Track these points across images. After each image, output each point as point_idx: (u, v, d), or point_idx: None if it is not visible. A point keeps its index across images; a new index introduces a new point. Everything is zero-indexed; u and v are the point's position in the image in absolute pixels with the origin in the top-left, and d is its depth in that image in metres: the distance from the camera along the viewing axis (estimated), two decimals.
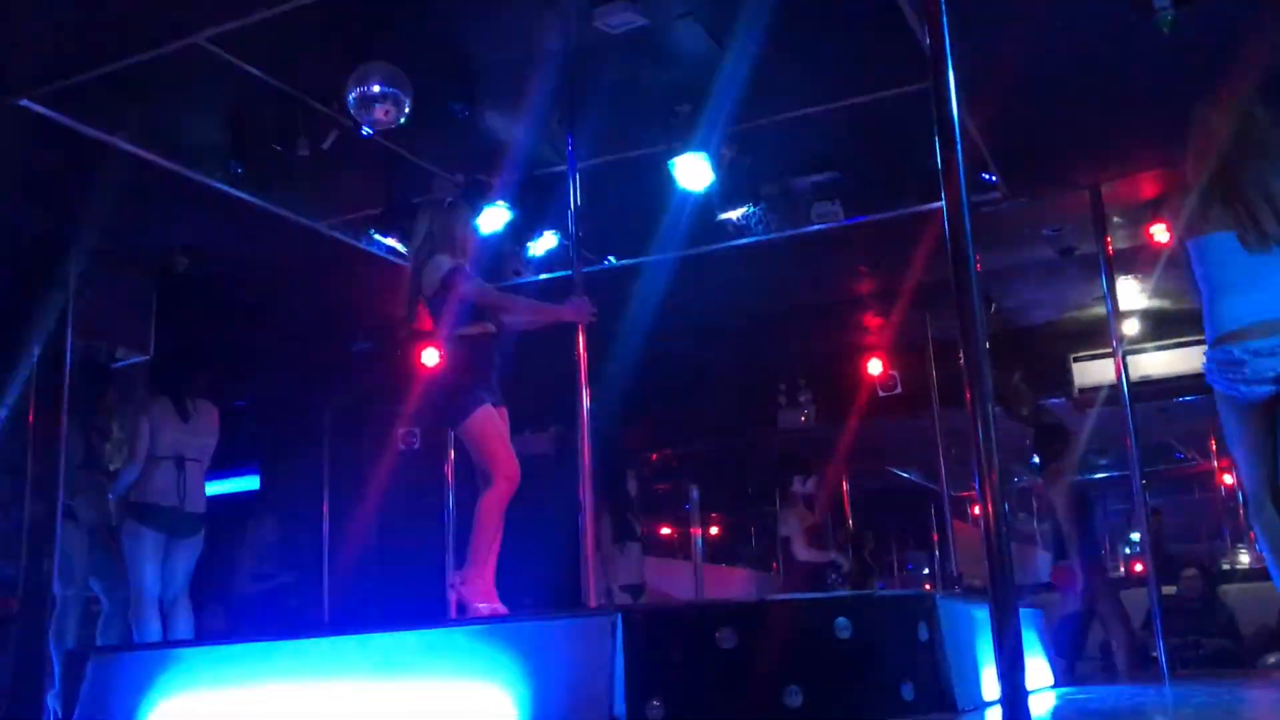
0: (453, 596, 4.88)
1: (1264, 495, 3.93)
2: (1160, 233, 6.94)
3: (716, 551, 14.35)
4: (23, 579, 6.51)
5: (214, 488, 10.84)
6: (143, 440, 6.23)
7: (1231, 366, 3.79)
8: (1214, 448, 12.84)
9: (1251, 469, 3.94)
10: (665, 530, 14.29)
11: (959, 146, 2.70)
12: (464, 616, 4.79)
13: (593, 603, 4.82)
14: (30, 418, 6.69)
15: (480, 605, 4.69)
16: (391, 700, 3.69)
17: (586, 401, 5.01)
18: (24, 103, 5.16)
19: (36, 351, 6.75)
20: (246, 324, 8.16)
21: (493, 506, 4.72)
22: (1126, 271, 7.81)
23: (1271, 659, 6.94)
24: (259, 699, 4.00)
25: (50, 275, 6.81)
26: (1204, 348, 4.01)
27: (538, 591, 7.90)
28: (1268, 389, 3.74)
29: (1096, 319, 8.31)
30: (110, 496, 6.30)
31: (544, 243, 7.03)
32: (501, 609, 4.68)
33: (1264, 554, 3.99)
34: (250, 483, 9.99)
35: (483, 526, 4.73)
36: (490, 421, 4.74)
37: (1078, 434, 7.63)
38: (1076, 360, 9.34)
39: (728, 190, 6.44)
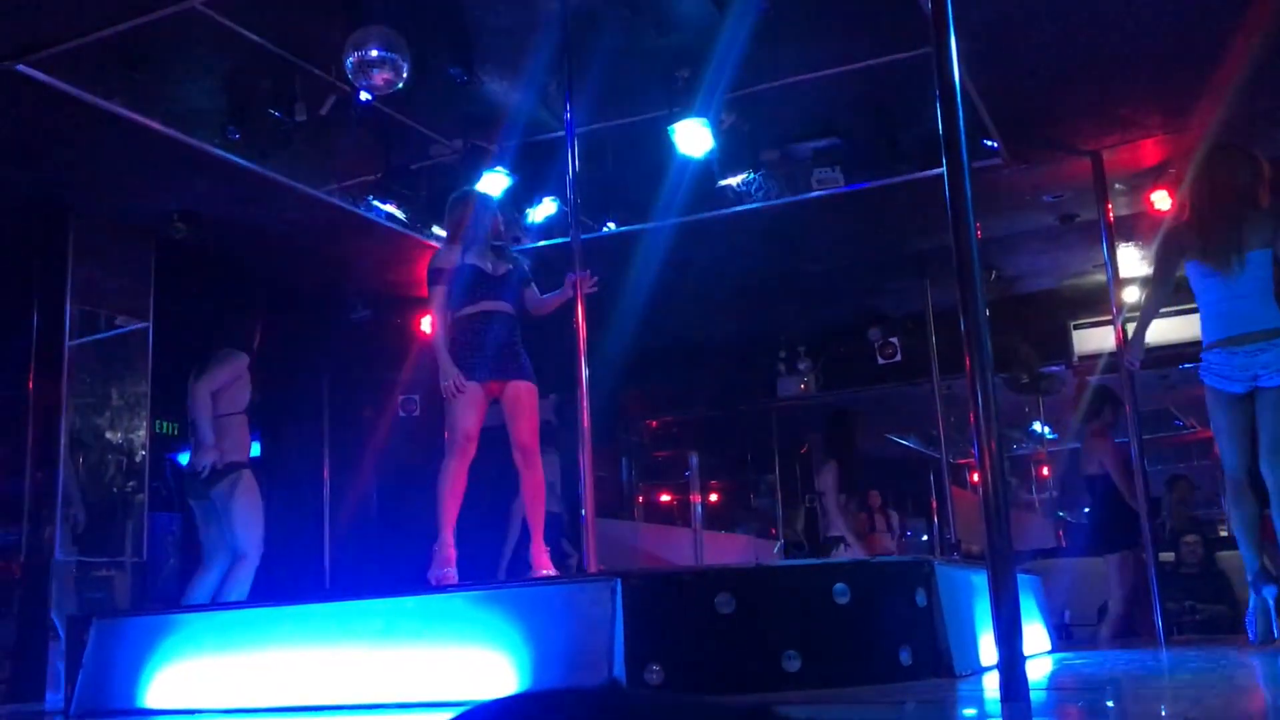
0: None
1: (1243, 479, 4.68)
2: (1161, 200, 6.93)
3: (716, 518, 14.41)
4: (25, 545, 6.55)
5: None
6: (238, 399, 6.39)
7: (1222, 365, 4.61)
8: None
9: (1233, 455, 4.69)
10: (665, 497, 14.33)
11: (960, 112, 2.68)
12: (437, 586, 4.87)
13: (592, 568, 4.83)
14: (30, 384, 6.71)
15: (442, 571, 4.81)
16: (392, 665, 3.72)
17: (585, 369, 5.01)
18: (20, 68, 5.13)
19: (36, 318, 6.76)
20: (245, 291, 8.14)
21: (441, 471, 4.93)
22: (1127, 239, 7.80)
23: None
24: (261, 664, 4.02)
25: (48, 242, 6.81)
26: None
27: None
28: (1247, 385, 4.56)
29: (1097, 286, 8.31)
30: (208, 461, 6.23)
31: (543, 209, 7.01)
32: (452, 578, 4.81)
33: (1236, 535, 4.80)
34: (250, 449, 10.00)
35: (439, 497, 4.94)
36: (453, 405, 4.90)
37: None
38: (1077, 327, 9.34)
39: (728, 156, 6.41)
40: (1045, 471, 14.07)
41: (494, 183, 6.49)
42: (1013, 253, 8.25)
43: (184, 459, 7.15)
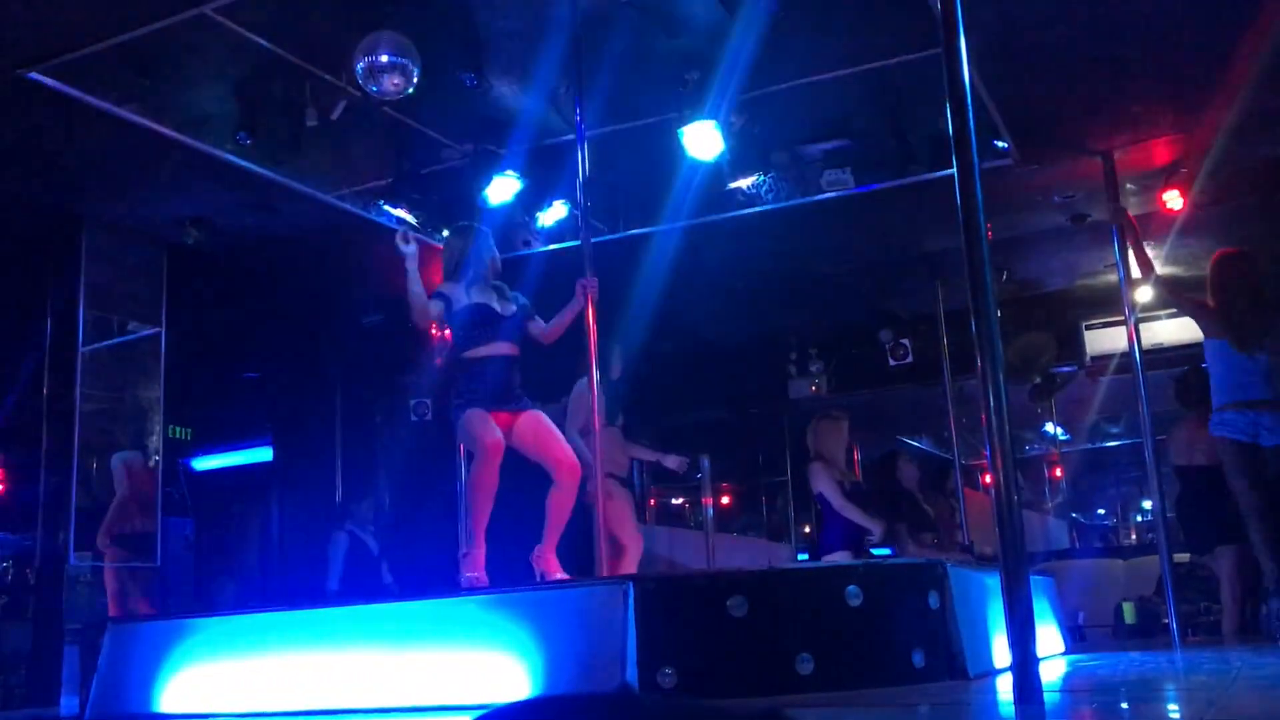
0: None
1: (1256, 508, 5.70)
2: (1173, 199, 6.90)
3: (728, 521, 14.39)
4: (39, 550, 6.57)
5: (227, 460, 10.97)
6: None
7: (1234, 420, 5.71)
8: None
9: (1245, 490, 5.71)
10: (676, 500, 14.33)
11: (970, 113, 2.68)
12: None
13: (603, 571, 4.83)
14: (44, 390, 6.74)
15: (469, 575, 4.80)
16: (405, 669, 3.72)
17: (597, 372, 5.01)
18: (32, 75, 5.15)
19: (49, 324, 6.80)
20: (257, 296, 8.17)
21: (471, 480, 4.90)
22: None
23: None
24: (275, 668, 4.03)
25: (61, 248, 6.84)
26: None
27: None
28: (1251, 438, 5.67)
29: (1108, 286, 8.27)
30: None
31: (553, 213, 7.01)
32: (483, 579, 4.78)
33: (1259, 551, 5.72)
34: (263, 454, 10.04)
35: (470, 502, 4.94)
36: (471, 423, 4.87)
37: None
38: (1089, 328, 9.30)
39: (737, 158, 6.41)
40: (1058, 472, 14.02)
41: (504, 186, 6.49)
42: (1024, 253, 8.23)
43: (196, 463, 7.14)
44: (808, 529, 13.18)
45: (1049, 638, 5.09)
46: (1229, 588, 6.61)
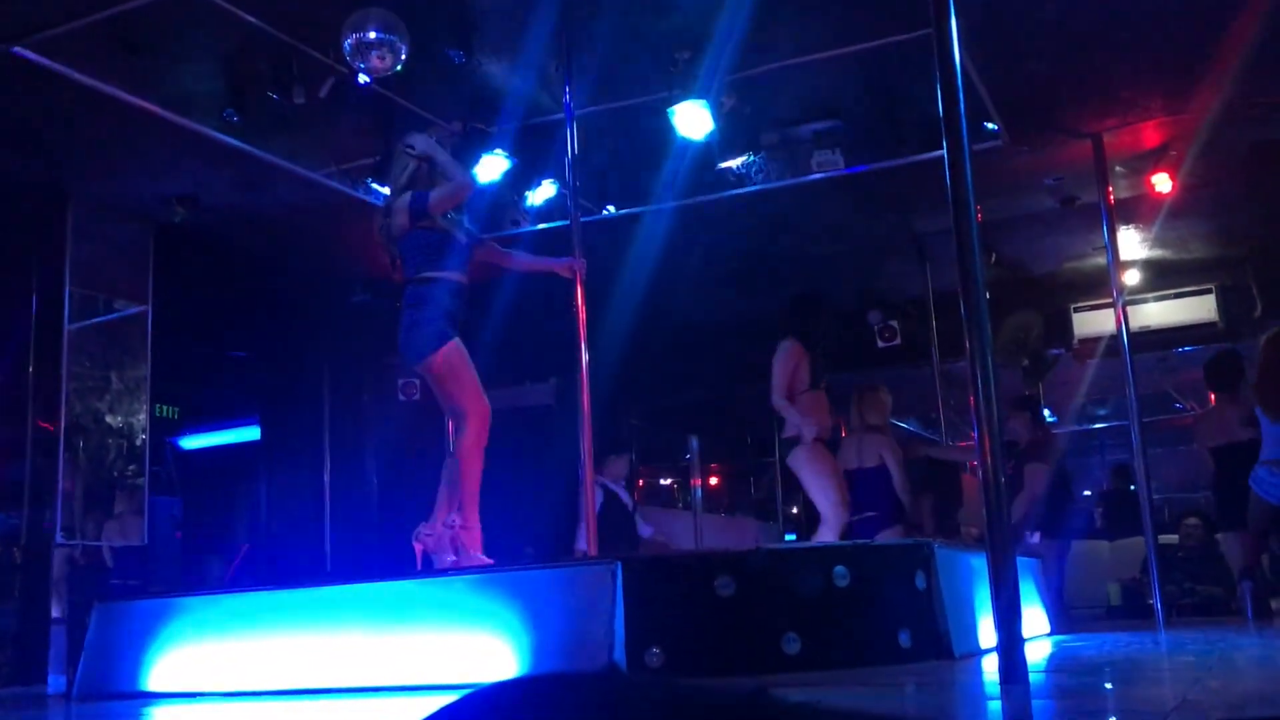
0: (418, 547, 4.62)
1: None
2: (1162, 182, 6.91)
3: (716, 502, 14.43)
4: (25, 530, 6.55)
5: (216, 439, 10.94)
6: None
7: (1264, 479, 6.04)
8: (1213, 399, 12.83)
9: (1257, 529, 6.20)
10: (665, 480, 14.36)
11: (961, 94, 2.66)
12: (449, 567, 4.76)
13: (592, 551, 4.84)
14: (30, 368, 6.71)
15: (474, 554, 4.67)
16: (392, 650, 3.73)
17: (586, 353, 5.01)
18: (17, 51, 5.11)
19: (35, 302, 6.76)
20: (244, 274, 8.13)
21: (471, 449, 4.52)
22: (1127, 221, 7.78)
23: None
24: (261, 647, 4.03)
25: (47, 226, 6.79)
26: (1203, 299, 6.86)
27: (538, 541, 7.94)
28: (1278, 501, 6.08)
29: (1097, 269, 8.29)
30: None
31: (542, 192, 6.99)
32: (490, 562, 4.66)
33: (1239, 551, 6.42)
34: (250, 433, 10.02)
35: (469, 473, 4.55)
36: (459, 356, 4.50)
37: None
38: (1077, 310, 9.33)
39: (727, 139, 6.39)
40: None
41: (493, 165, 6.47)
42: (1013, 235, 8.23)
43: (184, 442, 7.10)
44: (795, 509, 13.22)
45: (1034, 618, 5.12)
46: (1235, 570, 6.69)
